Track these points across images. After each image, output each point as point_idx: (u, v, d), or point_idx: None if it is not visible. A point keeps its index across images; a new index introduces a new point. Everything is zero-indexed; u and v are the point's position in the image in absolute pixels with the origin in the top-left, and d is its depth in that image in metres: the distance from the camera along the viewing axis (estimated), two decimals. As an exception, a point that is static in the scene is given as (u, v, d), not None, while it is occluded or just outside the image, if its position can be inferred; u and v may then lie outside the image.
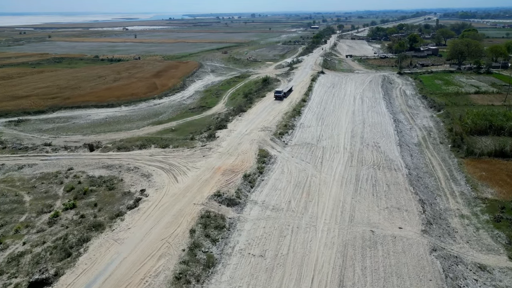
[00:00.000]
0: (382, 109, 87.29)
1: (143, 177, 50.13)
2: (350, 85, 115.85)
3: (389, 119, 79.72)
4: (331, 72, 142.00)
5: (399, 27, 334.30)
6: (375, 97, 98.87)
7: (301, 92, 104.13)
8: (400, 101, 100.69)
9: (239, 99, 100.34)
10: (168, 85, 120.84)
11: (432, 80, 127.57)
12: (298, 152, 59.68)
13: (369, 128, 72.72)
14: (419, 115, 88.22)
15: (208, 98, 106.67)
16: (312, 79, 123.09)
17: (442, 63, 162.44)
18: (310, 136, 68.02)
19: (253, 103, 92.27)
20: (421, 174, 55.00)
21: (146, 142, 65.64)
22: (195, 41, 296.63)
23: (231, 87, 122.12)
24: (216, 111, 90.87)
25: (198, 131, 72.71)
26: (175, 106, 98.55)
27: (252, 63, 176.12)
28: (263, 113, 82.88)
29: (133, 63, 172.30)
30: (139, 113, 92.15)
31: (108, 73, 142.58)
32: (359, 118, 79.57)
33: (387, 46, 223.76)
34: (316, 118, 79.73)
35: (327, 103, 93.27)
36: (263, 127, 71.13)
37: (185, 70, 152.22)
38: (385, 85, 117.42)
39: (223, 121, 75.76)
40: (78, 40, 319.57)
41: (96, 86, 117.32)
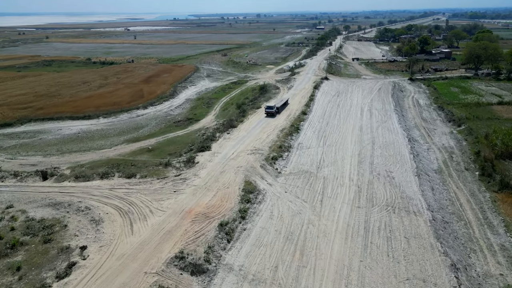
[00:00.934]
0: (394, 125, 75.67)
1: (92, 224, 39.20)
2: (357, 93, 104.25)
3: (402, 137, 68.12)
4: (336, 77, 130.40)
5: (407, 28, 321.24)
6: (385, 109, 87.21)
7: (301, 102, 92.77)
8: (414, 113, 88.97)
9: (231, 110, 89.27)
10: (157, 93, 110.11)
11: (447, 88, 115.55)
12: (293, 185, 48.43)
13: (380, 150, 61.21)
14: (437, 131, 76.52)
15: (198, 108, 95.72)
16: (315, 86, 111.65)
17: (457, 67, 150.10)
18: (309, 161, 56.72)
19: (246, 116, 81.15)
20: (447, 216, 43.50)
21: (112, 168, 54.77)
22: (195, 43, 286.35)
23: (225, 94, 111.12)
24: (203, 125, 79.88)
25: (177, 153, 61.76)
26: (160, 118, 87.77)
27: (252, 66, 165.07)
28: (256, 129, 71.70)
29: (125, 66, 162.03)
30: (117, 126, 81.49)
31: (94, 78, 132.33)
32: (368, 136, 68.06)
33: (396, 48, 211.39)
34: (317, 136, 68.38)
35: (331, 116, 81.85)
36: (253, 149, 59.92)
37: (178, 74, 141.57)
38: (396, 93, 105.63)
39: (207, 140, 64.71)
40: (75, 41, 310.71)
41: (77, 94, 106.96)
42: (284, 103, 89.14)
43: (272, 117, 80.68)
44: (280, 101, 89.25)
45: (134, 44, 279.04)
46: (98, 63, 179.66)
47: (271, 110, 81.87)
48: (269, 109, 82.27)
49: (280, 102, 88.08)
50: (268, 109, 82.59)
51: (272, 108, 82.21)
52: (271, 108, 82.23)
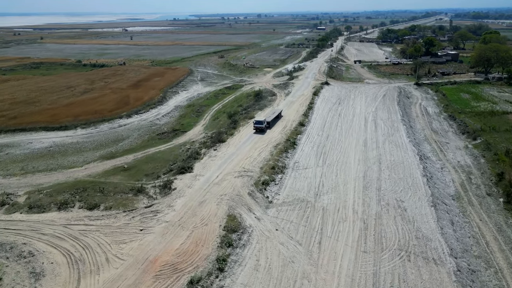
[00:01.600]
0: (402, 138, 67.55)
1: (30, 278, 31.28)
2: (359, 100, 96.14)
3: (412, 154, 60.00)
4: (337, 82, 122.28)
5: (411, 28, 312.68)
6: (392, 119, 79.09)
7: (299, 111, 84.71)
8: (423, 123, 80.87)
9: (222, 120, 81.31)
10: (144, 99, 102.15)
11: (457, 94, 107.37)
12: (286, 219, 40.43)
13: (388, 171, 53.13)
14: (450, 145, 68.43)
15: (187, 117, 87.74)
16: (314, 92, 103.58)
17: (465, 71, 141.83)
18: (306, 185, 48.69)
19: (237, 127, 73.12)
20: (473, 263, 35.47)
21: (75, 195, 46.87)
22: (192, 44, 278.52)
23: (218, 101, 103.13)
24: (190, 137, 71.89)
25: (155, 174, 53.85)
26: (144, 129, 79.86)
27: (249, 69, 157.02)
28: (247, 144, 63.66)
29: (115, 69, 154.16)
30: (95, 138, 73.59)
31: (80, 82, 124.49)
32: (373, 153, 59.97)
33: (399, 50, 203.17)
34: (316, 153, 60.31)
35: (331, 127, 73.77)
36: (242, 170, 51.93)
37: (170, 78, 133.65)
38: (402, 100, 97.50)
39: (190, 159, 56.72)
40: (70, 42, 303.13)
41: (57, 101, 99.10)
42: (276, 116, 78.28)
43: (262, 133, 69.63)
44: (272, 114, 78.09)
45: (129, 45, 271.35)
46: (88, 65, 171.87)
47: (260, 125, 70.55)
48: (258, 124, 70.82)
49: (271, 115, 76.94)
50: (257, 124, 71.08)
51: (261, 123, 70.88)
52: (261, 123, 70.91)
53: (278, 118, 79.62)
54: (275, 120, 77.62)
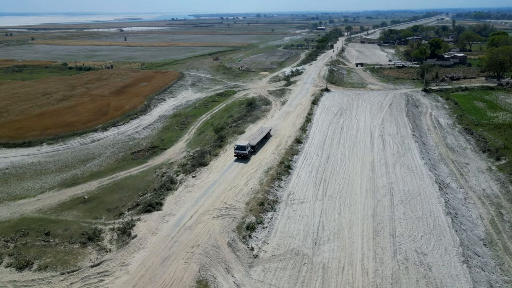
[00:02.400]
0: (416, 160, 57.82)
1: None
2: (363, 110, 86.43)
3: (429, 181, 50.29)
4: (338, 88, 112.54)
5: (413, 29, 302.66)
6: (402, 135, 69.35)
7: (295, 124, 74.94)
8: (436, 138, 71.17)
9: (209, 135, 71.58)
10: (125, 108, 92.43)
11: (470, 102, 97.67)
12: (275, 285, 30.67)
13: (403, 207, 43.42)
14: (470, 167, 58.76)
15: (169, 131, 78.02)
16: (313, 100, 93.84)
17: (475, 75, 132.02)
18: (302, 229, 38.99)
19: (224, 145, 63.34)
20: None
21: (9, 242, 37.15)
22: (187, 45, 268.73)
23: (207, 110, 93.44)
24: (169, 157, 62.15)
25: (118, 209, 44.18)
26: (119, 145, 70.15)
27: (244, 73, 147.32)
28: (233, 169, 53.90)
29: (100, 73, 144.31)
30: (61, 157, 63.88)
31: (60, 88, 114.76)
32: (383, 181, 50.27)
33: (403, 51, 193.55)
34: (315, 180, 50.58)
35: (333, 145, 64.01)
36: (223, 207, 42.20)
37: (158, 83, 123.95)
38: (411, 110, 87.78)
39: (163, 189, 47.05)
40: (61, 43, 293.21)
41: (28, 110, 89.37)
42: (265, 136, 65.49)
43: (244, 161, 56.31)
44: (258, 135, 64.53)
45: (122, 47, 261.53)
46: (74, 68, 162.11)
47: (242, 151, 56.92)
48: (239, 150, 57.01)
49: (257, 136, 63.42)
50: (238, 150, 57.09)
51: (243, 148, 56.92)
52: (243, 148, 56.97)
53: (267, 138, 66.64)
54: (263, 141, 64.63)
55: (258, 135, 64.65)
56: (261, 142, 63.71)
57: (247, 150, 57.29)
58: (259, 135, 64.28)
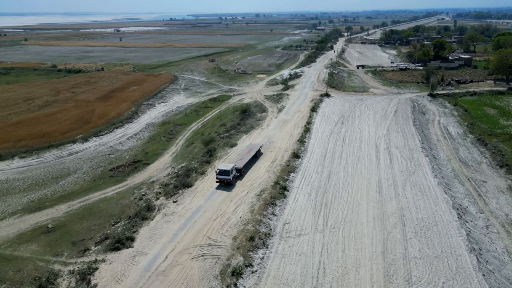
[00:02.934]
0: (428, 179, 51.34)
1: None
2: (367, 118, 79.95)
3: (446, 206, 43.82)
4: (339, 93, 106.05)
5: (414, 29, 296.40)
6: (410, 147, 62.86)
7: (293, 135, 68.39)
8: (447, 150, 64.71)
9: (197, 147, 65.06)
10: (110, 116, 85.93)
11: (480, 108, 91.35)
12: None
13: (417, 242, 36.96)
14: (488, 185, 52.36)
15: (155, 142, 71.48)
16: (313, 107, 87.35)
17: (483, 78, 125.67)
18: (299, 273, 32.53)
19: (212, 161, 56.77)
20: None
21: None
22: (184, 45, 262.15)
23: (198, 118, 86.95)
24: (150, 174, 55.60)
25: (83, 244, 37.71)
26: (99, 158, 63.62)
27: (240, 76, 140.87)
28: (220, 191, 47.25)
29: (89, 76, 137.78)
30: (32, 174, 57.37)
31: (44, 92, 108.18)
32: (392, 206, 43.78)
33: (406, 53, 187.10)
34: (314, 205, 44.09)
35: (334, 160, 57.49)
36: (206, 244, 35.70)
37: (149, 87, 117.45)
38: (418, 118, 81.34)
39: (137, 219, 40.53)
40: (54, 43, 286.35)
41: (5, 118, 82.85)
42: (254, 155, 56.33)
43: (228, 188, 47.20)
44: (246, 153, 55.34)
45: (116, 47, 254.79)
46: (63, 70, 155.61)
47: (225, 177, 47.28)
48: (222, 176, 47.45)
49: (245, 156, 53.98)
50: (221, 175, 47.52)
51: (227, 173, 47.23)
52: (226, 173, 47.27)
53: (257, 157, 57.41)
54: (252, 161, 55.25)
55: (246, 154, 55.05)
56: (250, 162, 54.52)
57: (232, 175, 47.81)
58: (247, 155, 54.72)
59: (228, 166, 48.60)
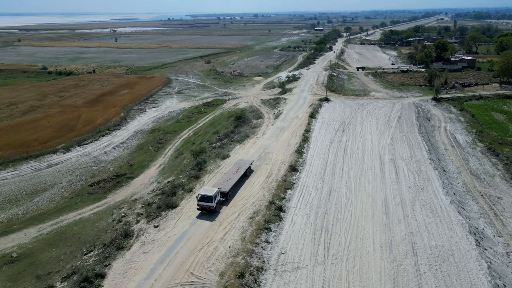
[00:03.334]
0: (439, 197, 46.52)
1: None
2: (369, 125, 75.16)
3: (462, 231, 39.03)
4: (339, 97, 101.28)
5: (414, 29, 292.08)
6: (417, 159, 58.05)
7: (291, 145, 63.51)
8: (456, 161, 59.95)
9: (187, 158, 60.14)
10: (96, 122, 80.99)
11: (487, 113, 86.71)
12: None
13: (433, 277, 32.18)
14: (504, 202, 47.68)
15: (142, 152, 66.50)
16: (311, 113, 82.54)
17: (488, 81, 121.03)
18: (295, 318, 27.61)
19: (201, 176, 51.83)
20: None
21: None
22: (180, 46, 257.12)
23: (190, 124, 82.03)
24: (133, 191, 50.64)
25: (49, 279, 32.82)
26: (80, 171, 58.64)
27: (236, 78, 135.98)
28: (208, 215, 42.23)
29: (80, 79, 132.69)
30: (5, 189, 52.45)
31: (30, 97, 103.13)
32: (401, 231, 38.94)
33: (406, 54, 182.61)
34: (314, 230, 39.23)
35: (335, 174, 52.65)
36: (187, 282, 30.78)
37: (140, 91, 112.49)
38: (423, 125, 76.58)
39: (112, 247, 35.60)
40: (48, 44, 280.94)
41: (-16, 126, 77.76)
42: (244, 174, 49.68)
43: (212, 217, 40.48)
44: (234, 172, 48.41)
45: (110, 48, 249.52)
46: (53, 73, 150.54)
47: (208, 204, 40.42)
48: (204, 202, 40.53)
49: (233, 176, 47.09)
50: (202, 201, 40.58)
51: (209, 199, 40.33)
52: (209, 199, 40.36)
53: (247, 176, 50.60)
54: (241, 181, 48.35)
55: (234, 173, 48.08)
56: (239, 182, 47.78)
57: (215, 202, 40.81)
58: (235, 174, 47.84)
59: (211, 191, 41.52)
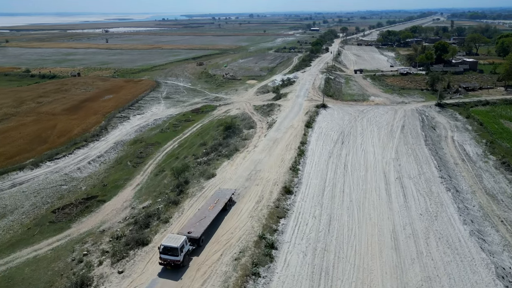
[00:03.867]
0: (455, 226, 40.20)
1: None
2: (370, 136, 68.80)
3: (487, 274, 32.74)
4: (337, 103, 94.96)
5: (412, 29, 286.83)
6: (426, 177, 51.73)
7: (285, 160, 56.96)
8: (469, 178, 53.69)
9: (168, 176, 53.43)
10: (72, 133, 74.08)
11: (496, 121, 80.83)
12: None
13: None
14: (529, 230, 41.33)
15: (120, 168, 59.67)
16: (308, 121, 76.12)
17: (492, 85, 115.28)
18: None
19: (180, 203, 44.99)
20: None
21: None
22: (172, 47, 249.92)
23: (176, 135, 75.30)
24: (102, 220, 43.83)
25: None
26: (47, 192, 51.78)
27: (229, 82, 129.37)
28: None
29: (62, 83, 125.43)
30: (-44, 216, 45.32)
31: (5, 103, 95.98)
32: (416, 275, 32.56)
33: (405, 56, 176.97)
34: (311, 273, 32.76)
35: (335, 198, 46.18)
36: None
37: (126, 96, 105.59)
38: (429, 135, 70.36)
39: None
40: (36, 45, 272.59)
41: None
42: (224, 208, 40.45)
43: (176, 274, 31.87)
44: (211, 208, 39.04)
45: (100, 50, 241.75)
46: (37, 76, 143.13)
47: (172, 257, 31.85)
48: (167, 255, 31.96)
49: (208, 215, 37.93)
50: (166, 253, 32.00)
51: (175, 252, 31.83)
52: (173, 251, 31.81)
53: (227, 210, 41.29)
54: (219, 218, 39.24)
55: (209, 210, 38.24)
56: (216, 221, 38.64)
57: (182, 254, 32.02)
58: (211, 211, 38.13)
59: (177, 240, 32.10)
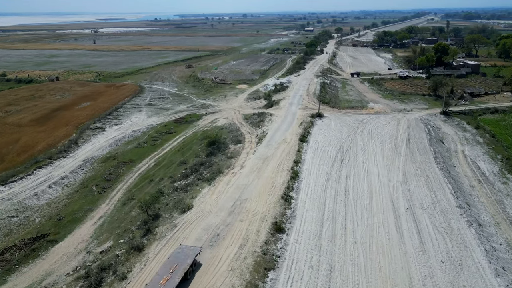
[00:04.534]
0: (486, 278, 32.48)
1: None
2: (373, 152, 60.82)
3: None
4: (334, 111, 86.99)
5: (408, 30, 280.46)
6: (442, 208, 43.82)
7: (276, 185, 48.74)
8: (488, 205, 45.98)
9: (136, 208, 44.95)
10: (37, 147, 65.42)
11: (508, 131, 73.67)
12: None
13: None
14: None
15: (83, 194, 51.03)
16: (302, 135, 67.99)
17: (498, 90, 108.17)
18: None
19: (144, 249, 36.50)
20: None
21: None
22: (161, 48, 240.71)
23: (154, 150, 66.76)
24: (47, 270, 35.38)
25: None
26: (-10, 227, 43.03)
27: (218, 87, 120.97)
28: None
29: (37, 88, 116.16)
30: None
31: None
32: None
33: (404, 58, 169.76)
34: None
35: (335, 238, 38.09)
36: None
37: (104, 103, 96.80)
38: (438, 151, 62.54)
39: None
40: (19, 47, 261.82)
41: None
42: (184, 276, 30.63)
43: None
44: (162, 283, 28.99)
45: (85, 51, 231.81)
46: (12, 81, 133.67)
47: None
48: None
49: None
50: None
51: None
52: None
53: (188, 279, 31.28)
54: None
55: (160, 285, 28.75)
56: None
57: None
58: (163, 286, 28.66)
59: None
